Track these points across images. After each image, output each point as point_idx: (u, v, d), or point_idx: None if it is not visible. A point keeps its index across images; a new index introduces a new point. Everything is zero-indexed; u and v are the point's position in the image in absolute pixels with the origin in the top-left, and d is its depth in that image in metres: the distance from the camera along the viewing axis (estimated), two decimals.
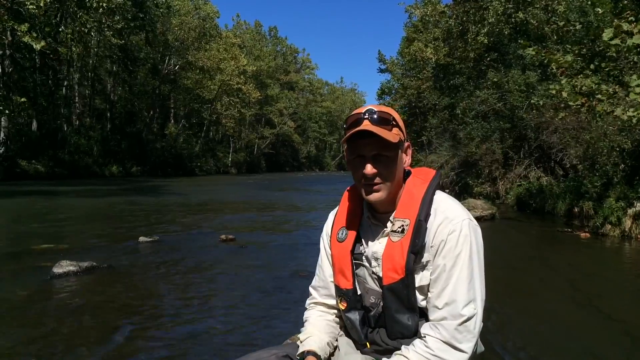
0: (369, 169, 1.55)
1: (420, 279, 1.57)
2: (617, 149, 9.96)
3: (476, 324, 1.51)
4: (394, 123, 1.59)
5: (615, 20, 6.53)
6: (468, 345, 1.50)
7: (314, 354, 1.62)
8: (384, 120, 1.57)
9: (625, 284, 5.64)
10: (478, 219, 1.60)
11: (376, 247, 1.65)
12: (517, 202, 14.57)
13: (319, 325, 1.74)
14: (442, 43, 25.24)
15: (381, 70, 44.08)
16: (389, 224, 1.63)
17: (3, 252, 6.77)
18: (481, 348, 1.63)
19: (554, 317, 4.25)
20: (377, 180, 1.57)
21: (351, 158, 1.62)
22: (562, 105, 8.55)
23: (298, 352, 1.65)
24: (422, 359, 1.50)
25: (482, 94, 17.84)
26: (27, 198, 15.65)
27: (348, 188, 1.82)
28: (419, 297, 1.59)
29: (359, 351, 1.72)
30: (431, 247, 1.56)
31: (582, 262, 6.96)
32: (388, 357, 1.60)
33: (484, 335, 1.61)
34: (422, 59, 31.78)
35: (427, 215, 1.58)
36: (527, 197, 14.00)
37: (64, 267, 5.27)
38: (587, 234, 8.84)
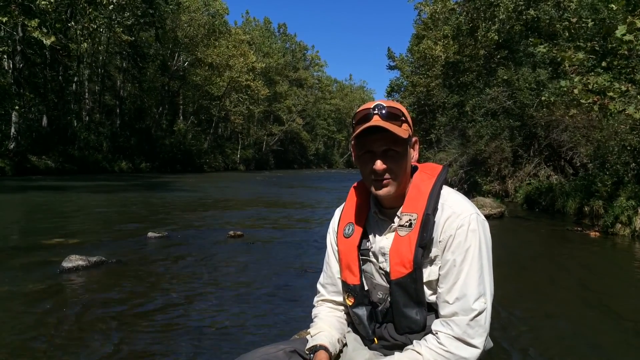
0: (379, 164, 1.55)
1: (429, 274, 1.57)
2: (628, 148, 9.87)
3: (486, 318, 1.51)
4: (404, 118, 1.59)
5: (629, 16, 6.45)
6: (480, 340, 1.50)
7: (325, 348, 1.62)
8: (394, 116, 1.56)
9: (636, 284, 5.59)
10: (487, 217, 1.59)
11: (383, 242, 1.65)
12: (526, 201, 14.49)
13: (329, 321, 1.75)
14: (451, 40, 25.11)
15: (390, 67, 43.98)
16: (396, 219, 1.63)
17: (13, 246, 6.83)
18: (490, 344, 1.62)
19: (563, 316, 4.22)
20: (387, 175, 1.56)
21: (360, 153, 1.61)
22: (575, 102, 8.47)
23: (309, 346, 1.65)
24: (434, 355, 1.50)
25: (492, 92, 17.74)
26: (37, 193, 15.76)
27: (354, 184, 1.81)
28: (427, 291, 1.59)
29: (366, 347, 1.72)
30: (439, 241, 1.55)
31: (591, 261, 6.90)
32: (397, 352, 1.59)
33: (492, 332, 1.60)
34: (432, 57, 31.68)
35: (435, 209, 1.57)
36: (537, 195, 13.92)
37: (73, 261, 5.30)
38: (597, 233, 8.77)
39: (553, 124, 14.83)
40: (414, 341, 1.56)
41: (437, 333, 1.53)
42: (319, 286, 1.87)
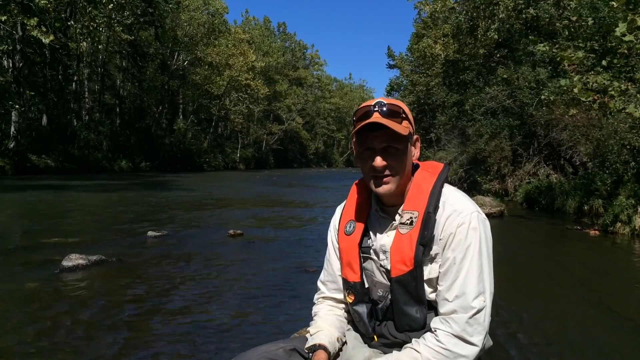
0: (379, 161, 1.54)
1: (429, 271, 1.57)
2: (628, 147, 9.86)
3: (485, 317, 1.52)
4: (404, 116, 1.59)
5: (630, 14, 6.44)
6: (478, 338, 1.50)
7: (324, 348, 1.62)
8: (394, 113, 1.57)
9: (636, 282, 5.59)
10: (487, 216, 1.60)
11: (384, 240, 1.65)
12: (525, 200, 14.48)
13: (329, 320, 1.74)
14: (451, 39, 25.10)
15: (390, 66, 43.98)
16: (397, 217, 1.63)
17: (14, 245, 6.83)
18: (490, 343, 1.62)
19: (563, 314, 4.23)
20: (387, 172, 1.56)
21: (360, 151, 1.61)
22: (574, 101, 8.47)
23: (308, 345, 1.65)
24: (433, 353, 1.50)
25: (492, 91, 17.74)
26: (38, 192, 15.76)
27: (356, 182, 1.81)
28: (427, 289, 1.59)
29: (366, 345, 1.72)
30: (440, 239, 1.56)
31: (591, 259, 6.90)
32: (396, 350, 1.60)
33: (492, 330, 1.60)
34: (432, 55, 31.67)
35: (436, 207, 1.57)
36: (536, 194, 13.91)
37: (73, 260, 5.31)
38: (597, 232, 8.77)
39: (553, 122, 14.82)
40: (413, 340, 1.56)
41: (435, 331, 1.53)
42: (319, 284, 1.87)
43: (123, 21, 34.98)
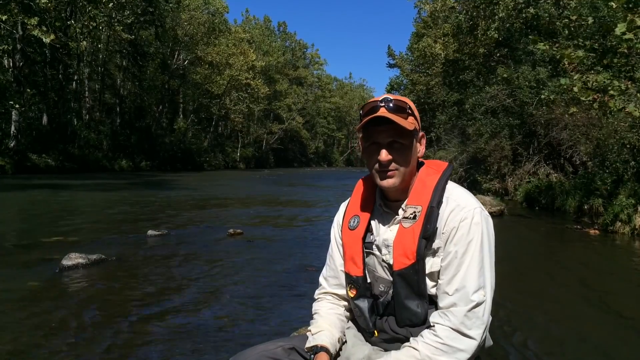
0: (384, 155, 1.57)
1: (431, 265, 1.58)
2: (628, 146, 9.86)
3: (485, 311, 1.52)
4: (410, 112, 1.61)
5: (629, 14, 6.44)
6: (477, 332, 1.50)
7: (326, 350, 1.62)
8: (400, 108, 1.59)
9: (635, 282, 5.59)
10: None
11: (387, 234, 1.66)
12: (525, 199, 14.49)
13: (330, 320, 1.74)
14: (451, 39, 25.10)
15: (390, 66, 44.00)
16: (400, 212, 1.65)
17: (13, 244, 6.83)
18: (490, 342, 1.63)
19: (563, 314, 4.23)
20: (392, 166, 1.58)
21: (366, 145, 1.63)
22: (574, 100, 8.47)
23: (309, 345, 1.65)
24: (431, 349, 1.50)
25: (492, 90, 17.74)
26: (38, 191, 15.77)
27: (362, 178, 1.83)
28: (429, 283, 1.59)
29: (367, 343, 1.72)
30: (442, 233, 1.57)
31: (591, 259, 6.91)
32: (396, 346, 1.60)
33: (492, 330, 1.60)
34: (432, 55, 31.69)
35: (439, 202, 1.59)
36: (536, 193, 13.92)
37: (72, 259, 5.31)
38: (597, 231, 8.77)
39: (553, 122, 14.81)
40: (411, 338, 1.57)
41: (434, 325, 1.53)
42: (321, 279, 1.87)
43: (123, 20, 34.99)
